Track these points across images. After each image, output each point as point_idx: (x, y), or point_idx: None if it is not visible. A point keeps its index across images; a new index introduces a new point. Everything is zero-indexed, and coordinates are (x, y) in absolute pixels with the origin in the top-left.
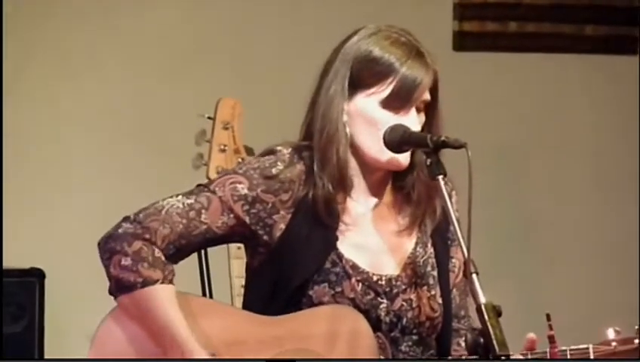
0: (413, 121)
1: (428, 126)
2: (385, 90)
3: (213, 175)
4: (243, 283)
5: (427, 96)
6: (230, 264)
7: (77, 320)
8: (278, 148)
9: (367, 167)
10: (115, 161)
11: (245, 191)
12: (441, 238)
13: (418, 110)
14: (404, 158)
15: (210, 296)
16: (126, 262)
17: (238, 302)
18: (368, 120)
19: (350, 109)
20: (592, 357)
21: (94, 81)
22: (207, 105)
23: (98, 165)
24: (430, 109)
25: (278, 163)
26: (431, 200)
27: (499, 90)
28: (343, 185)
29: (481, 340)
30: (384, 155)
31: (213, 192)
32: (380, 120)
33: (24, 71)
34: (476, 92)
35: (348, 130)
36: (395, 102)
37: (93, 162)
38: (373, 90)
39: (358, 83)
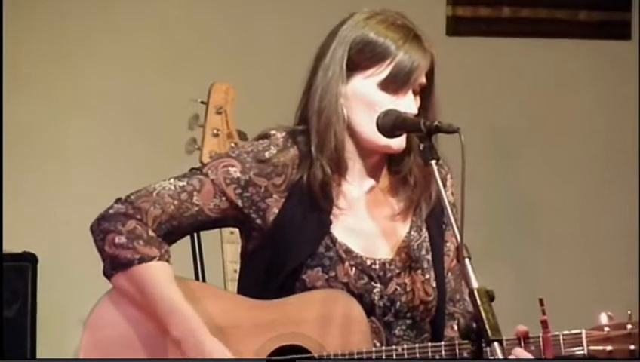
0: (410, 103)
1: (423, 110)
2: (383, 71)
3: (206, 159)
4: (236, 267)
5: (423, 79)
6: (223, 248)
7: (70, 304)
8: (272, 132)
9: (363, 150)
10: (109, 146)
11: (238, 174)
12: (436, 222)
13: (414, 93)
14: (397, 143)
15: (204, 281)
16: (120, 240)
17: (231, 286)
18: (366, 102)
19: (347, 92)
20: (584, 341)
21: (89, 68)
22: (202, 89)
23: (92, 150)
24: (426, 93)
25: (272, 147)
26: (427, 184)
27: (492, 76)
28: (340, 167)
29: (474, 324)
30: (380, 138)
31: (206, 175)
32: (377, 102)
33: (20, 58)
34: (470, 77)
35: (345, 112)
36: (393, 84)
37: (86, 148)
38: (370, 71)
39: (355, 65)
